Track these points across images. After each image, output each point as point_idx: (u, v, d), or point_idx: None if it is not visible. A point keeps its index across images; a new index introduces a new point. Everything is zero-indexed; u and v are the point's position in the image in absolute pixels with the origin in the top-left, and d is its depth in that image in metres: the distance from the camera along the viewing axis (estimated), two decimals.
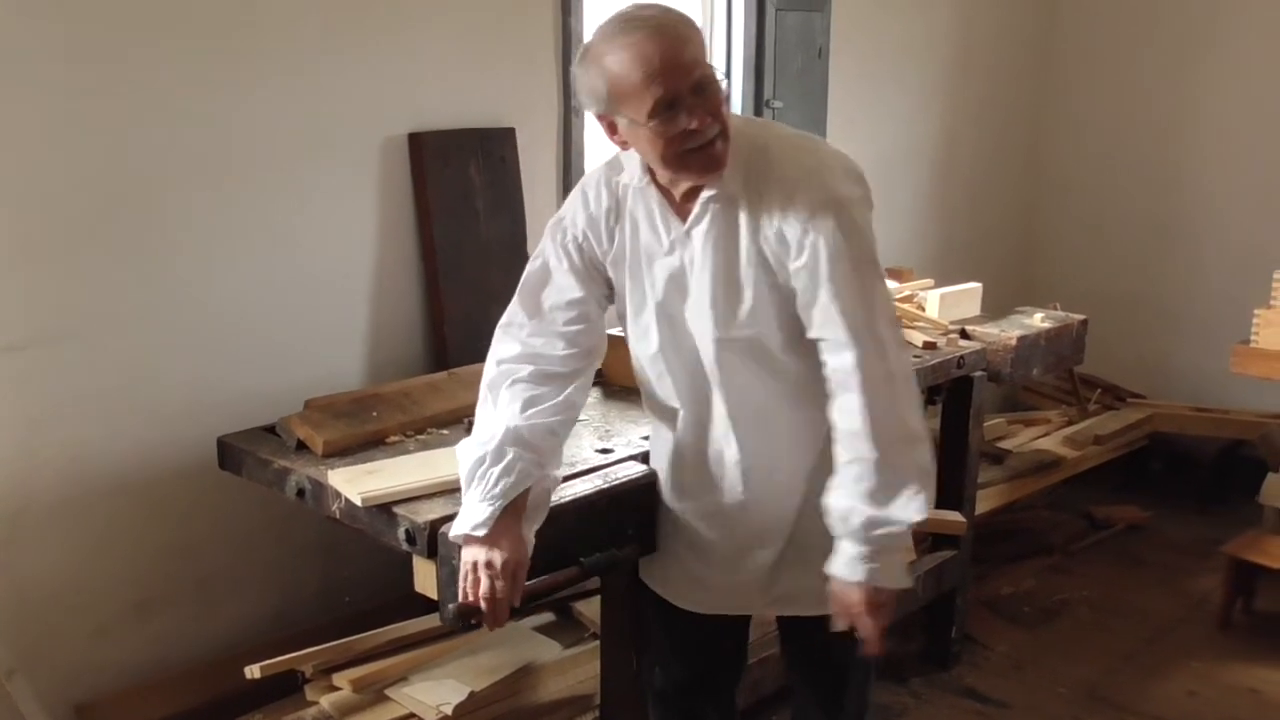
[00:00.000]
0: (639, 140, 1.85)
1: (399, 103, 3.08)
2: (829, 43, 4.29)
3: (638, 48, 1.77)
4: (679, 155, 1.82)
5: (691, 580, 2.19)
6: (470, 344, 3.18)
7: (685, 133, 1.79)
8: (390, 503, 2.21)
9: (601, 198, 2.02)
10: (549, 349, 2.03)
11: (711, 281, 1.93)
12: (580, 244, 2.04)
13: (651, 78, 1.76)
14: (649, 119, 1.78)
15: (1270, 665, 3.50)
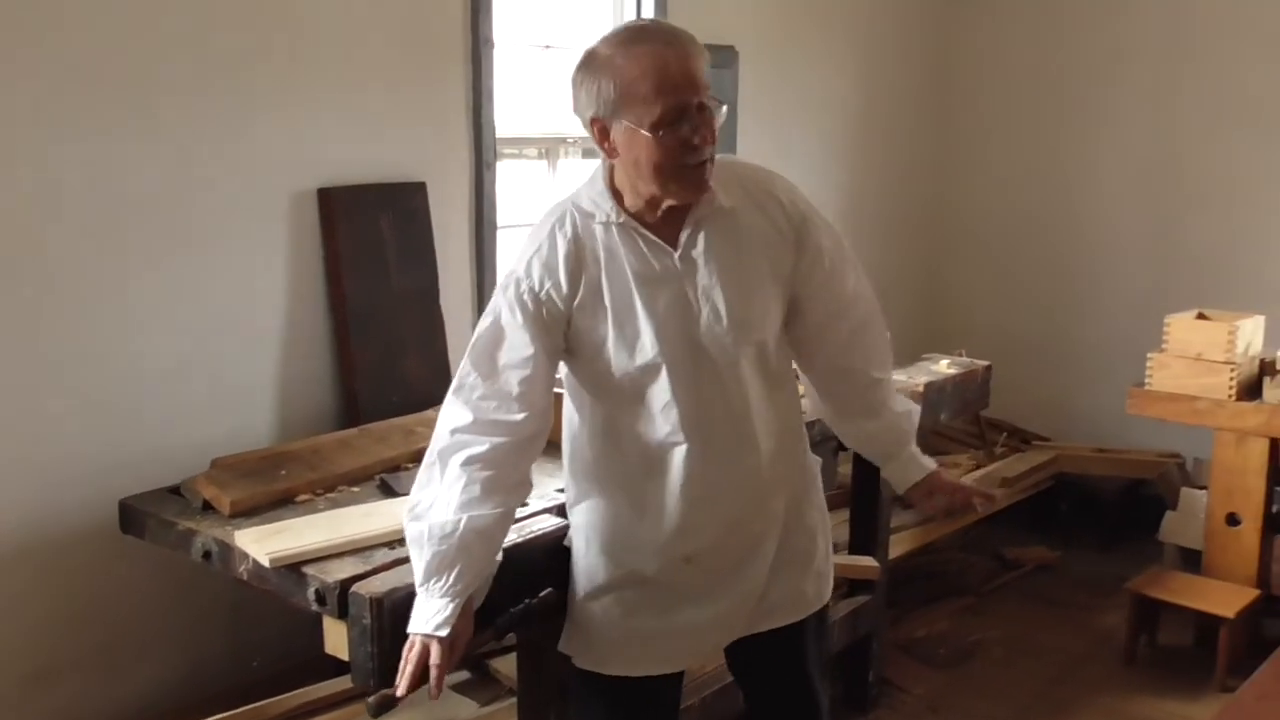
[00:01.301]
0: (635, 148, 1.82)
1: (308, 158, 3.08)
2: (737, 98, 4.38)
3: (656, 56, 1.79)
4: (676, 168, 1.82)
5: (664, 637, 2.07)
6: (382, 398, 3.17)
7: (685, 147, 1.80)
8: (299, 563, 2.18)
9: (557, 244, 1.92)
10: (504, 414, 1.93)
11: (725, 293, 1.92)
12: (537, 293, 1.91)
13: (664, 87, 1.78)
14: (655, 128, 1.79)
15: (1173, 698, 3.58)
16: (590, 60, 1.86)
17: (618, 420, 2.00)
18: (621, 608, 2.07)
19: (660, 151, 1.80)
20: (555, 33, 3.89)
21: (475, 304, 3.56)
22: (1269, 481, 3.73)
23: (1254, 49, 4.74)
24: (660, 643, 2.09)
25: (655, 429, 1.96)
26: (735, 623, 2.11)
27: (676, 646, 2.11)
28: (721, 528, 2.03)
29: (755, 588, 2.08)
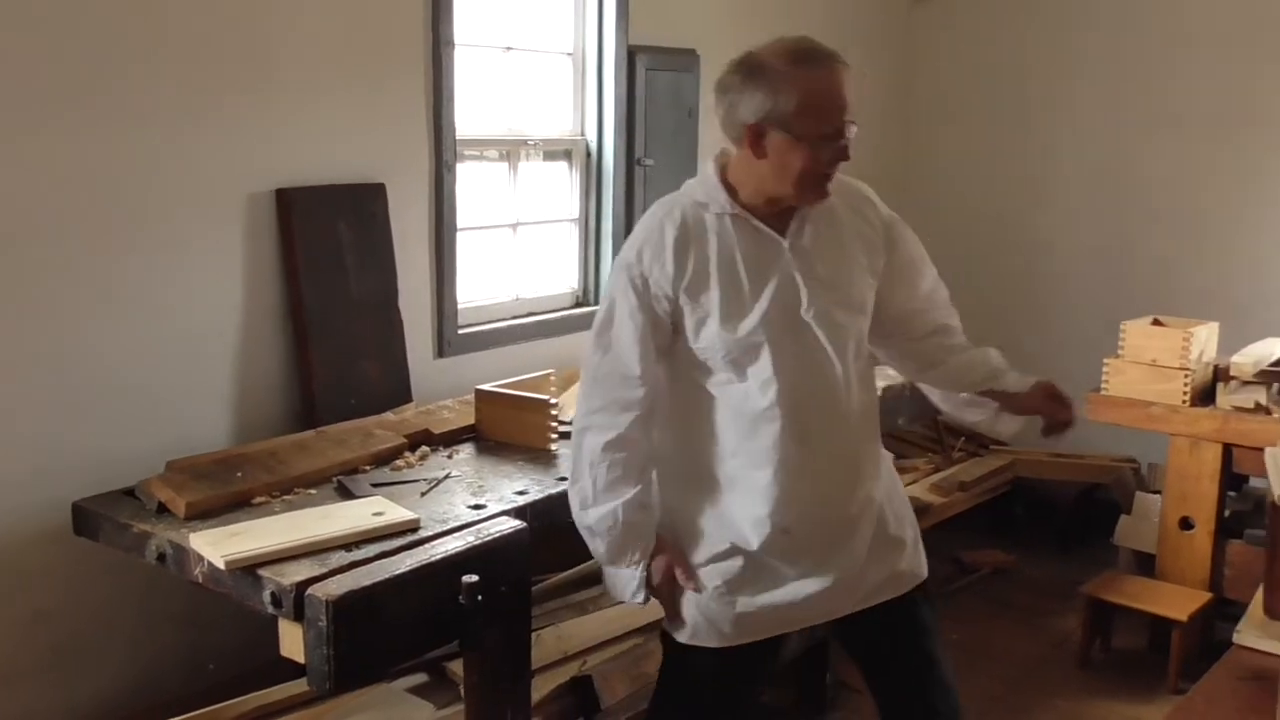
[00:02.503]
0: (788, 156, 2.00)
1: (265, 159, 3.05)
2: (698, 103, 4.39)
3: (833, 79, 2.01)
4: (816, 177, 2.03)
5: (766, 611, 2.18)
6: (340, 401, 3.15)
7: (831, 161, 2.02)
8: (255, 565, 2.16)
9: (665, 232, 2.09)
10: (627, 391, 2.11)
11: (828, 279, 2.10)
12: (646, 278, 2.09)
13: (833, 108, 2.00)
14: (815, 142, 1.99)
15: (1127, 701, 3.62)
16: (758, 70, 2.01)
17: (714, 398, 2.13)
18: (726, 582, 2.17)
19: (812, 162, 2.00)
20: (516, 35, 3.88)
21: (435, 306, 3.55)
22: (1221, 486, 3.78)
23: (1210, 59, 4.81)
24: (761, 616, 2.18)
25: (753, 403, 2.09)
26: (835, 602, 2.21)
27: (778, 619, 2.21)
28: (816, 501, 2.14)
29: (853, 568, 2.19)
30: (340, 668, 2.04)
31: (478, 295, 3.83)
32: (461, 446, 2.97)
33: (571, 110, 4.13)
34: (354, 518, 2.36)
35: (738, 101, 2.02)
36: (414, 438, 2.93)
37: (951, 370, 2.33)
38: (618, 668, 2.93)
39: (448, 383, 3.50)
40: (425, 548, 2.27)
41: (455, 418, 3.08)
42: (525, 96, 3.95)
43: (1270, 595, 2.11)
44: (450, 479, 2.71)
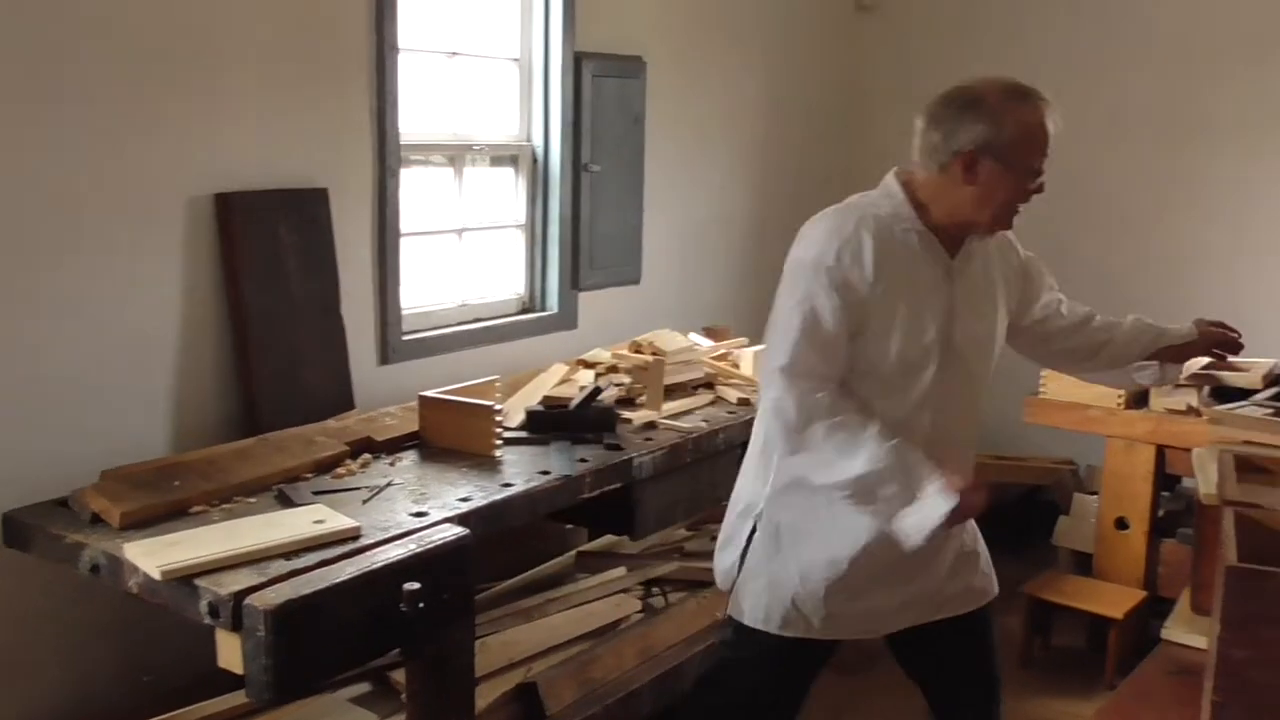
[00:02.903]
0: (995, 183, 2.15)
1: (205, 162, 3.02)
2: (645, 109, 4.41)
3: (1043, 117, 2.15)
4: (1009, 208, 2.19)
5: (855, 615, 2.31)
6: (282, 407, 3.12)
7: (1029, 195, 2.18)
8: (192, 575, 2.14)
9: (863, 238, 2.16)
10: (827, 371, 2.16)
11: (979, 306, 2.26)
12: (845, 278, 2.14)
13: (1043, 144, 2.15)
14: (1025, 175, 2.15)
15: (1067, 698, 3.67)
16: (979, 102, 2.15)
17: (881, 404, 2.18)
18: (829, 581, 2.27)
19: (1017, 195, 2.17)
20: (462, 40, 3.87)
21: (378, 312, 3.53)
22: (1156, 487, 3.86)
23: (1152, 69, 4.90)
24: (851, 617, 2.31)
25: (899, 417, 2.17)
26: (916, 611, 2.35)
27: (864, 623, 2.34)
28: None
29: (938, 580, 2.33)
30: (279, 678, 2.03)
31: (423, 301, 3.82)
32: (404, 453, 2.96)
33: (518, 116, 4.13)
34: (294, 526, 2.35)
35: (955, 130, 2.15)
36: (356, 445, 2.91)
37: (1118, 347, 2.50)
38: (564, 674, 2.93)
39: (392, 389, 3.48)
40: (366, 555, 2.26)
41: (398, 424, 3.06)
42: (471, 102, 3.94)
43: (1197, 592, 2.15)
44: (392, 486, 2.69)
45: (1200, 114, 4.83)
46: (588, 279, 4.26)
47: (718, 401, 3.50)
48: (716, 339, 4.05)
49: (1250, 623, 1.55)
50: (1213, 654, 1.62)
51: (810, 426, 2.11)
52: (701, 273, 4.89)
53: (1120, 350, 2.52)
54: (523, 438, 3.07)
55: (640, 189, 4.45)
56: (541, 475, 2.82)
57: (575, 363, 3.61)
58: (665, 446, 3.09)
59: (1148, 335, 2.52)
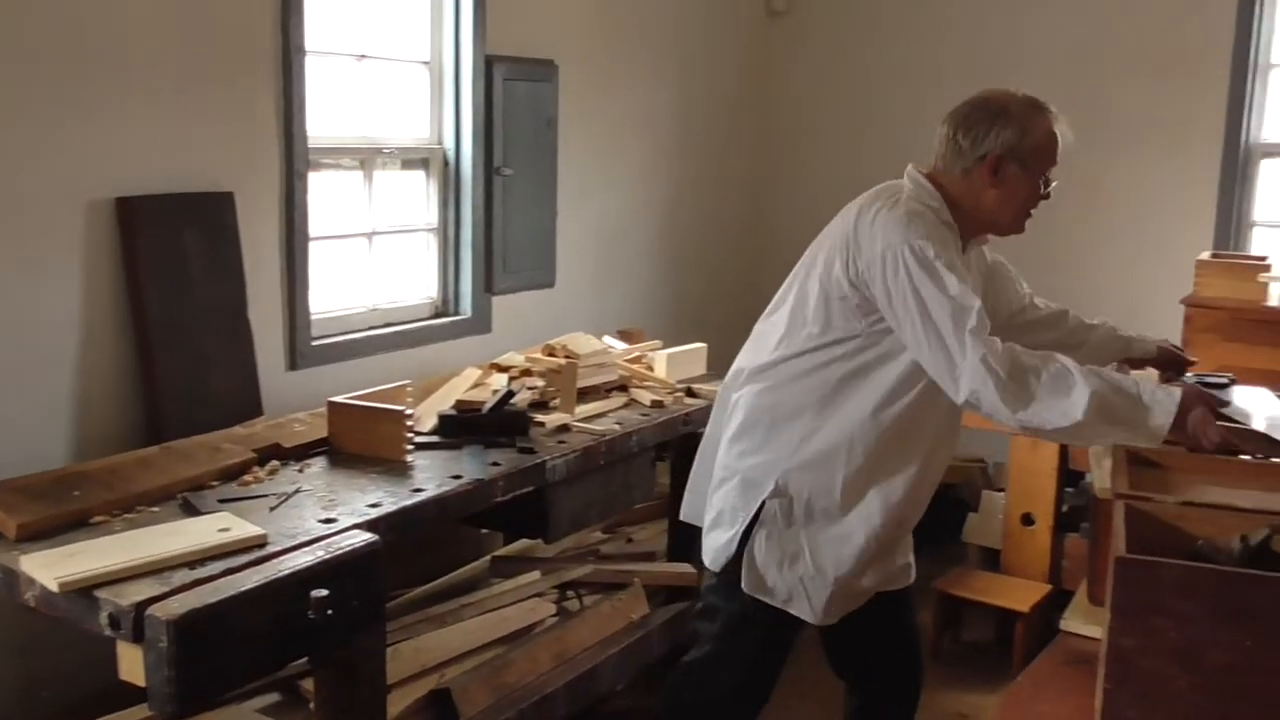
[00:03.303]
0: (1015, 186, 2.34)
1: (105, 165, 2.96)
2: (557, 113, 4.41)
3: (1065, 136, 2.36)
4: (1025, 211, 2.39)
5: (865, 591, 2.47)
6: (186, 415, 3.07)
7: (1041, 200, 2.37)
8: (91, 586, 2.09)
9: (943, 228, 2.32)
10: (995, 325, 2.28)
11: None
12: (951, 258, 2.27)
13: (1057, 154, 2.36)
14: (1041, 180, 2.34)
15: (975, 690, 3.75)
16: (1003, 110, 2.34)
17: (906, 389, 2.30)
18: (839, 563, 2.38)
19: (1033, 198, 2.36)
20: (371, 43, 3.84)
21: (287, 317, 3.48)
22: (1060, 483, 3.95)
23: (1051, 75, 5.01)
24: (845, 598, 2.43)
25: (928, 403, 2.30)
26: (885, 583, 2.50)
27: (851, 602, 2.46)
28: (922, 500, 2.45)
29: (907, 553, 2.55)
30: (183, 690, 1.99)
31: (333, 306, 3.78)
32: (313, 460, 2.92)
33: (428, 119, 4.11)
34: (198, 534, 2.31)
35: (984, 135, 2.33)
36: (263, 452, 2.87)
37: (1092, 350, 2.62)
38: (477, 679, 2.92)
39: (302, 395, 3.44)
40: (273, 563, 2.23)
41: (307, 431, 3.03)
42: (381, 105, 3.91)
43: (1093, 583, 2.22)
44: (301, 493, 2.66)
45: (1091, 122, 4.96)
46: (501, 283, 4.25)
47: (631, 404, 3.52)
48: (630, 342, 4.06)
49: (1138, 611, 1.60)
50: (1105, 643, 1.66)
51: (1023, 377, 2.14)
52: (616, 276, 4.90)
53: (1093, 354, 2.62)
54: (435, 442, 3.05)
55: (553, 192, 4.45)
56: (453, 480, 2.81)
57: (489, 367, 3.60)
58: (578, 449, 3.09)
59: (1118, 345, 2.68)
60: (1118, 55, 4.90)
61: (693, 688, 2.56)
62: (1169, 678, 1.60)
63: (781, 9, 5.66)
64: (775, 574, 2.40)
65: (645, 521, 4.04)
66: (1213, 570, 1.65)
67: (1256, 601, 1.56)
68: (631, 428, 3.29)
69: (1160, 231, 4.87)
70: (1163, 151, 4.84)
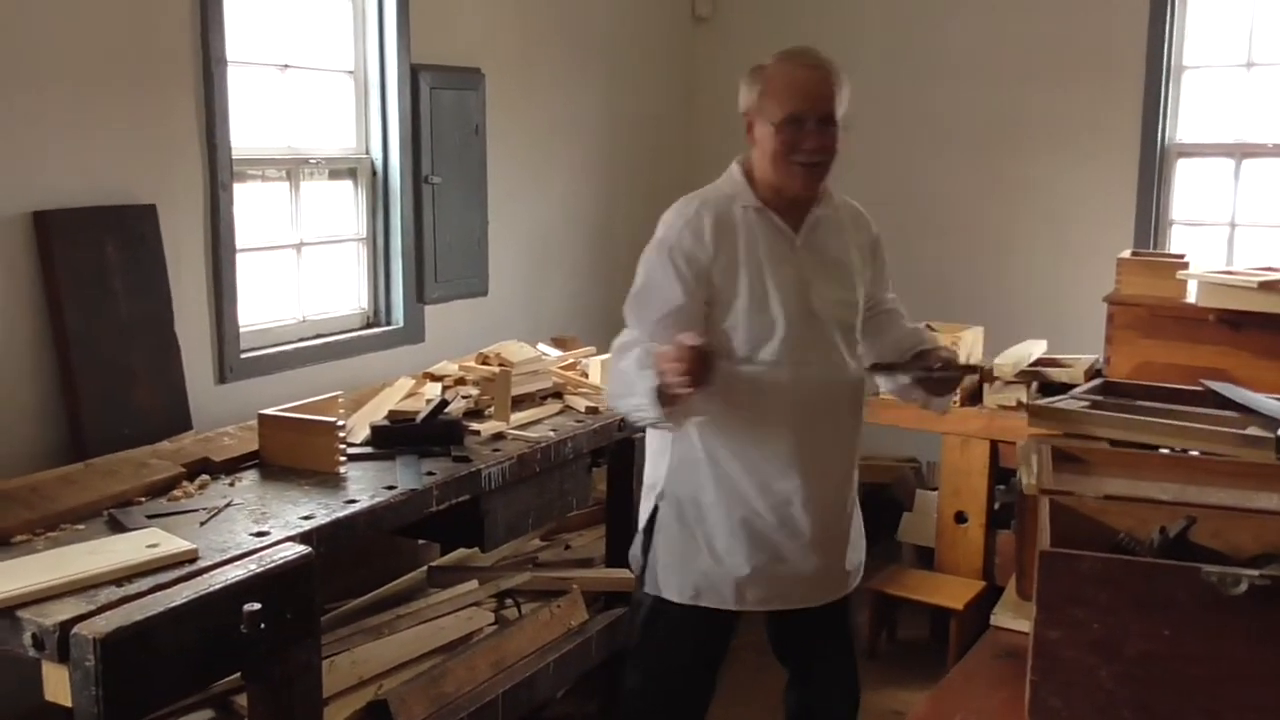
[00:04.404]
0: (764, 139, 2.32)
1: (19, 178, 2.91)
2: (485, 120, 4.40)
3: (796, 72, 2.34)
4: (787, 161, 2.30)
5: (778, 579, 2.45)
6: (111, 431, 3.02)
7: (796, 146, 2.28)
8: (13, 606, 2.04)
9: (703, 219, 2.37)
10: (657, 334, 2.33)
11: (831, 275, 2.40)
12: (686, 255, 2.35)
13: (794, 95, 2.30)
14: (780, 125, 2.28)
15: (911, 688, 3.80)
16: (756, 68, 2.39)
17: (737, 376, 2.33)
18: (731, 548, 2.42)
19: (777, 144, 2.30)
20: (294, 52, 3.81)
21: (214, 330, 3.44)
22: (991, 480, 4.02)
23: (975, 82, 5.12)
24: (760, 585, 2.43)
25: (768, 383, 2.34)
26: (826, 588, 2.49)
27: (775, 592, 2.46)
28: (818, 477, 2.41)
29: (842, 557, 2.49)
30: (111, 709, 1.95)
31: (262, 318, 3.74)
32: (244, 473, 2.88)
33: (354, 128, 4.08)
34: (126, 551, 2.27)
35: (741, 97, 2.38)
36: (192, 466, 2.82)
37: (892, 338, 2.59)
38: (415, 690, 2.90)
39: (232, 409, 3.39)
40: (204, 578, 2.20)
41: (237, 444, 2.99)
42: (306, 115, 3.88)
43: (1021, 578, 2.26)
44: (232, 507, 2.63)
45: (1012, 125, 5.08)
46: (433, 292, 4.23)
47: (566, 410, 3.52)
48: (564, 349, 4.06)
49: (1062, 604, 1.63)
50: (1031, 635, 1.70)
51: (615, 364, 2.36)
52: (548, 283, 4.90)
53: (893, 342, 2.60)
54: (368, 453, 3.03)
55: (483, 200, 4.44)
56: (387, 490, 2.78)
57: (422, 376, 3.58)
58: (513, 457, 3.08)
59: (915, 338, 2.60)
60: (1035, 58, 5.00)
61: (632, 677, 2.64)
62: (1091, 667, 1.63)
63: (706, 14, 5.70)
64: (680, 573, 2.47)
65: (583, 528, 4.04)
66: (1130, 561, 1.69)
67: (1173, 591, 1.60)
68: (566, 434, 3.29)
69: (1082, 232, 4.97)
70: (1082, 153, 4.95)
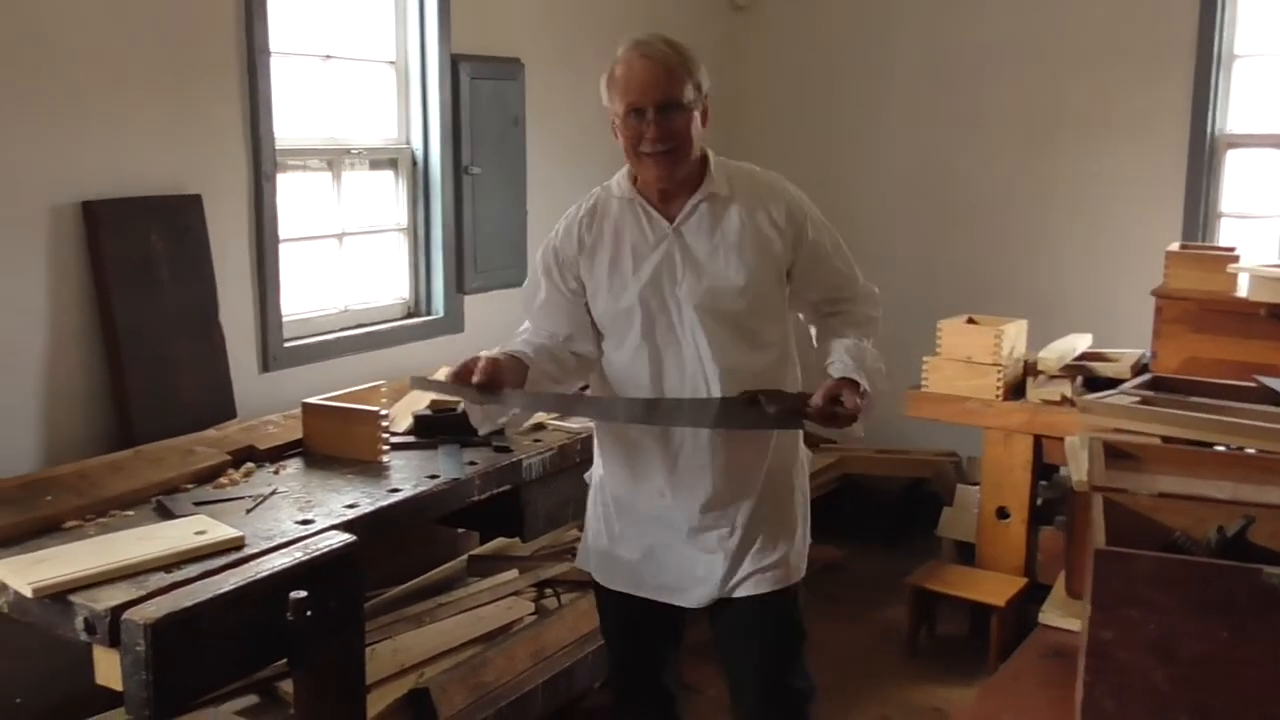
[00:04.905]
0: (619, 134, 2.27)
1: (70, 169, 2.93)
2: (524, 111, 4.39)
3: (632, 64, 2.25)
4: (636, 154, 2.25)
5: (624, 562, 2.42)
6: (158, 418, 3.04)
7: (640, 137, 2.21)
8: (66, 591, 2.07)
9: (578, 213, 2.36)
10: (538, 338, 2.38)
11: (706, 263, 2.27)
12: (557, 251, 2.36)
13: (630, 87, 2.23)
14: (622, 119, 2.24)
15: (951, 685, 3.77)
16: (610, 70, 2.29)
17: (610, 357, 2.35)
18: (593, 522, 2.47)
19: (623, 138, 2.26)
20: (336, 43, 3.82)
21: (258, 320, 3.46)
22: (1034, 476, 3.97)
23: (1019, 68, 5.06)
24: (610, 564, 2.43)
25: (627, 368, 2.32)
26: (707, 578, 2.35)
27: (625, 575, 2.41)
28: (693, 471, 2.31)
29: (726, 549, 2.34)
30: (160, 694, 1.98)
31: (304, 307, 3.75)
32: (288, 461, 2.91)
33: (396, 119, 4.08)
34: (174, 538, 2.29)
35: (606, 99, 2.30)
36: (238, 454, 2.85)
37: (820, 352, 2.44)
38: (455, 678, 2.91)
39: (275, 397, 3.41)
40: (250, 565, 2.22)
41: (281, 432, 3.01)
42: (348, 105, 3.89)
43: (1070, 576, 2.23)
44: (276, 495, 2.65)
45: (1057, 114, 5.01)
46: (473, 282, 4.24)
47: None
48: None
49: (1117, 604, 1.61)
50: (1084, 635, 1.67)
51: None
52: None
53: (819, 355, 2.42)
54: (410, 442, 3.04)
55: (523, 190, 4.44)
56: (430, 480, 2.80)
57: None
58: (554, 447, 3.09)
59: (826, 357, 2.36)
60: (1080, 48, 4.93)
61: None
62: (1146, 669, 1.61)
63: (744, 3, 5.67)
64: (591, 551, 2.49)
65: None
66: (1189, 562, 1.66)
67: (1232, 592, 1.57)
68: None
69: (1128, 223, 4.90)
70: (1129, 143, 4.87)
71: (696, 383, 2.27)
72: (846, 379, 2.22)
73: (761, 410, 2.21)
